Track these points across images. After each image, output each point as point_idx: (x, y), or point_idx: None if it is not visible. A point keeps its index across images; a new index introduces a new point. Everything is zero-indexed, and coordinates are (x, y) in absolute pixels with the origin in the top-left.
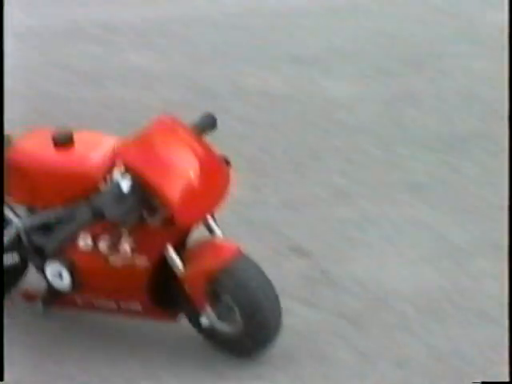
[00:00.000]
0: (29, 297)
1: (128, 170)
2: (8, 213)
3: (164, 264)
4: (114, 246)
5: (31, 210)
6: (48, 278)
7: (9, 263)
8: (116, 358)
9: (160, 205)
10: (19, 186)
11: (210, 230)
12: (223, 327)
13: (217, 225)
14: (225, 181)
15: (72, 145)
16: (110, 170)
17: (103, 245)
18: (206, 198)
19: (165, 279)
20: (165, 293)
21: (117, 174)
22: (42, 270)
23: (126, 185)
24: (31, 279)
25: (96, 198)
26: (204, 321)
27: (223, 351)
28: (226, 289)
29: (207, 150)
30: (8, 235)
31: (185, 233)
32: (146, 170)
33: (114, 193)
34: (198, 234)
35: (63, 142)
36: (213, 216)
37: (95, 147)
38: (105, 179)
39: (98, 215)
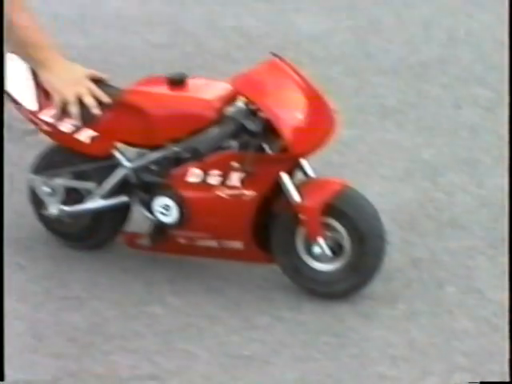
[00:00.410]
0: (133, 240)
1: (250, 102)
2: (118, 156)
3: (268, 200)
4: (224, 178)
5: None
6: (155, 214)
7: (117, 204)
8: (123, 282)
9: (280, 135)
10: (133, 126)
11: (305, 173)
12: (323, 264)
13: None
14: (332, 120)
15: (186, 85)
16: (224, 107)
17: (212, 178)
18: (317, 132)
19: (265, 217)
20: (263, 233)
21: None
22: (148, 208)
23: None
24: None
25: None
26: (317, 250)
27: (312, 290)
28: (342, 216)
29: (316, 91)
30: (116, 177)
31: (296, 164)
32: (267, 106)
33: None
34: None
35: (178, 81)
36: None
37: (208, 87)
38: (220, 116)
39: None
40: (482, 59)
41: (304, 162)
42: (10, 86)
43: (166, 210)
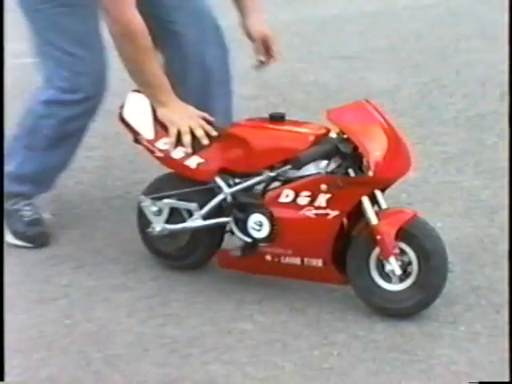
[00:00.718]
0: (225, 256)
1: (342, 132)
2: (219, 181)
3: (349, 225)
4: (312, 199)
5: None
6: (248, 231)
7: (214, 225)
8: (218, 301)
9: (365, 163)
10: (234, 155)
11: (379, 205)
12: (393, 285)
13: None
14: (409, 157)
15: (285, 122)
16: (320, 139)
17: (302, 198)
18: (397, 164)
19: (344, 242)
20: (341, 256)
21: (333, 136)
22: (242, 227)
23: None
24: None
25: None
26: (390, 268)
27: (383, 309)
28: (412, 239)
29: (397, 131)
30: (216, 200)
31: (380, 189)
32: (354, 133)
33: (327, 147)
34: None
35: (278, 118)
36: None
37: (303, 126)
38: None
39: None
40: None
41: (379, 195)
42: (130, 117)
43: (259, 226)
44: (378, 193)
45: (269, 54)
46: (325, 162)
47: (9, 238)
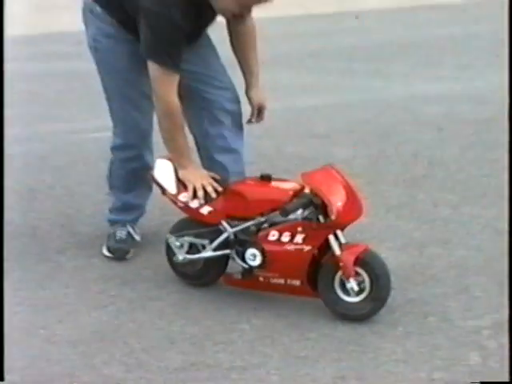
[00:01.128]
0: (229, 278)
1: (312, 189)
2: (225, 224)
3: (319, 252)
4: (292, 237)
5: (237, 220)
6: (246, 260)
7: (221, 255)
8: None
9: (329, 211)
10: (235, 205)
11: (339, 240)
12: (351, 298)
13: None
14: (362, 207)
15: (271, 181)
16: (297, 193)
17: (284, 237)
18: (353, 212)
19: (315, 266)
20: (314, 277)
21: (306, 192)
22: (241, 257)
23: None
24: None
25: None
26: (350, 286)
27: (344, 315)
28: (366, 265)
29: (353, 187)
30: (222, 238)
31: (341, 229)
32: (322, 190)
33: (303, 200)
34: None
35: (266, 178)
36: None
37: (284, 183)
38: (293, 198)
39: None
40: None
41: (340, 233)
42: (159, 176)
43: (253, 257)
44: (339, 232)
45: (259, 117)
46: (300, 210)
47: (104, 250)
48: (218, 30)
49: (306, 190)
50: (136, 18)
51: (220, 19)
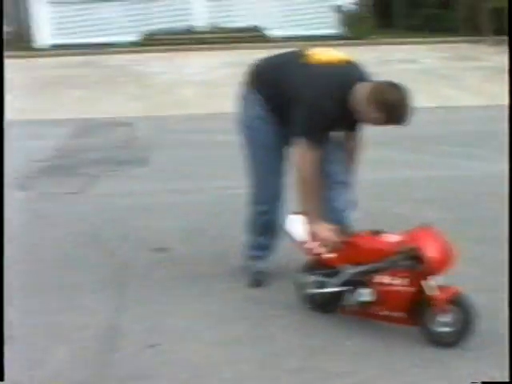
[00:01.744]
0: (344, 309)
1: (412, 243)
2: (344, 267)
3: (417, 291)
4: (397, 281)
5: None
6: (359, 296)
7: (340, 291)
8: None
9: (425, 261)
10: (351, 253)
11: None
12: (445, 329)
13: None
14: (453, 257)
15: (381, 234)
16: (401, 246)
17: (391, 280)
18: (446, 262)
19: (415, 301)
20: (414, 310)
21: (405, 247)
22: (357, 293)
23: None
24: None
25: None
26: (442, 319)
27: (437, 342)
28: (459, 304)
29: (447, 242)
30: (343, 277)
31: (436, 275)
32: (420, 244)
33: (406, 251)
34: None
35: (376, 232)
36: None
37: (391, 238)
38: (398, 251)
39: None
40: None
41: (435, 278)
42: (294, 231)
43: (367, 295)
44: (434, 276)
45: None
46: (404, 259)
47: (246, 277)
48: None
49: (408, 244)
50: (283, 106)
51: None
